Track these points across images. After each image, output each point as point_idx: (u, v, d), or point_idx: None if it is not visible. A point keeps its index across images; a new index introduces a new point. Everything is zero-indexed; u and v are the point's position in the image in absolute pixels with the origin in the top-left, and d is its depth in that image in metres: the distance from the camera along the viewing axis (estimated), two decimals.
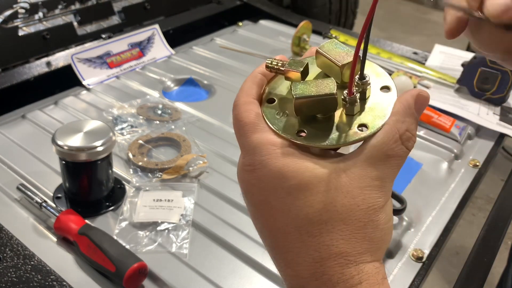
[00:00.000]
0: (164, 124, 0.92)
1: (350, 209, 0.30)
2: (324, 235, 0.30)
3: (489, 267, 0.66)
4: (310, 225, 0.30)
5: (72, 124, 0.71)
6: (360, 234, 0.30)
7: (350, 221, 0.30)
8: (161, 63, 1.17)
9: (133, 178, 0.78)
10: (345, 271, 0.30)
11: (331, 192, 0.30)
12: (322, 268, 0.30)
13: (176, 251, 0.66)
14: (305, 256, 0.30)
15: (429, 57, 1.22)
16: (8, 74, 1.01)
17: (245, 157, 0.33)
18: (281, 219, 0.31)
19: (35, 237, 0.67)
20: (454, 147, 0.91)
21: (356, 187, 0.30)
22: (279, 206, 0.31)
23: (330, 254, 0.30)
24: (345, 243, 0.30)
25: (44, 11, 1.17)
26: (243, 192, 0.34)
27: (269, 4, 1.50)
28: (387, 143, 0.31)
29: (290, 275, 0.32)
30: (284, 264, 0.32)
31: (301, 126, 0.34)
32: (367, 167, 0.31)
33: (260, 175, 0.32)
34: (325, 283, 0.30)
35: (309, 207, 0.30)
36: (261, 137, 0.33)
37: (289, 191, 0.31)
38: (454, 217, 0.75)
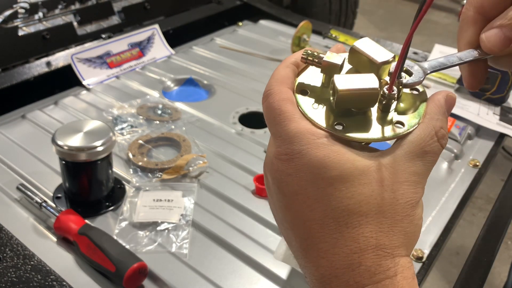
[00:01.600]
0: (164, 124, 0.92)
1: (390, 203, 0.31)
2: (363, 227, 0.30)
3: (489, 267, 0.66)
4: (349, 217, 0.30)
5: (72, 124, 0.71)
6: (397, 227, 0.31)
7: (389, 215, 0.31)
8: (161, 63, 1.17)
9: (133, 178, 0.78)
10: (382, 262, 0.30)
11: (372, 185, 0.31)
12: (360, 259, 0.30)
13: (176, 251, 0.66)
14: (343, 246, 0.30)
15: (429, 57, 1.22)
16: (8, 74, 1.01)
17: (281, 146, 0.32)
18: (319, 209, 0.31)
19: (35, 237, 0.67)
20: (454, 147, 0.91)
21: (396, 181, 0.31)
22: (318, 197, 0.31)
23: (368, 245, 0.30)
24: (383, 236, 0.31)
25: (44, 11, 1.17)
26: (275, 181, 0.33)
27: (269, 4, 1.50)
28: (424, 139, 0.32)
29: (323, 266, 0.31)
30: (316, 255, 0.31)
31: (338, 119, 0.33)
32: (406, 162, 0.32)
33: (299, 164, 0.31)
34: (361, 273, 0.30)
35: (349, 198, 0.30)
36: (300, 127, 0.32)
37: (330, 181, 0.31)
38: (454, 217, 0.75)
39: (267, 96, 0.35)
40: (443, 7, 4.15)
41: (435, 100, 0.35)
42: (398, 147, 0.32)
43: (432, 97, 0.35)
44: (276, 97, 0.34)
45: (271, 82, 0.35)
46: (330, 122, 0.33)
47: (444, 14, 4.03)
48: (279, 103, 0.34)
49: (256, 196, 0.76)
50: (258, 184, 0.76)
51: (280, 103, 0.34)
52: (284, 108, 0.33)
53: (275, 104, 0.34)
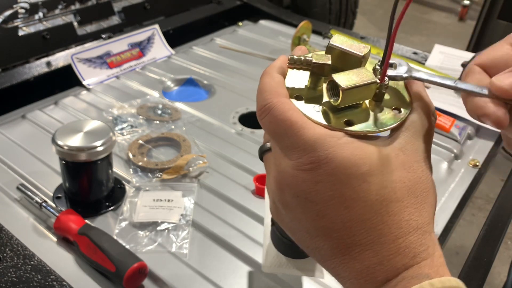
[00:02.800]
0: (164, 124, 0.92)
1: (416, 182, 0.32)
2: (402, 211, 0.31)
3: (489, 267, 0.66)
4: (388, 206, 0.31)
5: (72, 124, 0.71)
6: (426, 204, 0.33)
7: (418, 193, 0.32)
8: (161, 63, 1.17)
9: (133, 178, 0.78)
10: (423, 242, 0.31)
11: (398, 170, 0.32)
12: (405, 242, 0.31)
13: (176, 251, 0.66)
14: (388, 235, 0.31)
15: (429, 57, 1.22)
16: (8, 74, 1.01)
17: (302, 156, 0.32)
18: (359, 207, 0.31)
19: (35, 237, 0.67)
20: (454, 147, 0.91)
21: (414, 161, 0.33)
22: (355, 196, 0.31)
23: (410, 228, 0.31)
24: (419, 216, 0.32)
25: (44, 11, 1.17)
26: (302, 193, 0.33)
27: (269, 4, 1.50)
28: (424, 117, 0.35)
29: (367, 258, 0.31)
30: (360, 250, 0.32)
31: (344, 116, 0.34)
32: (416, 141, 0.34)
33: (329, 169, 0.31)
34: (406, 255, 0.31)
35: (383, 188, 0.31)
36: (317, 132, 0.32)
37: (363, 178, 0.31)
38: (454, 217, 0.75)
39: (267, 111, 0.34)
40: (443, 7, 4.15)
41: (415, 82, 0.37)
42: (404, 129, 0.34)
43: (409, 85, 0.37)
44: (280, 109, 0.34)
45: (266, 96, 0.35)
46: (339, 121, 0.34)
47: (444, 14, 4.03)
48: (286, 115, 0.33)
49: (256, 196, 0.76)
50: (258, 184, 0.76)
51: (287, 114, 0.33)
52: (294, 119, 0.33)
53: (282, 116, 0.33)
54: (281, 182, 0.34)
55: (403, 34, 3.47)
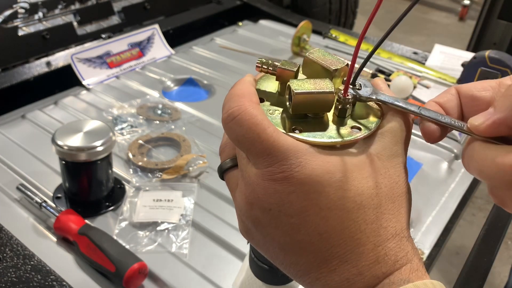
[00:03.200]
0: (164, 124, 0.92)
1: (392, 188, 0.32)
2: (380, 218, 0.31)
3: (489, 267, 0.66)
4: (365, 213, 0.30)
5: (72, 124, 0.71)
6: (403, 208, 0.32)
7: (395, 198, 0.32)
8: (161, 63, 1.17)
9: (133, 178, 0.78)
10: (402, 247, 0.31)
11: (373, 176, 0.31)
12: (384, 250, 0.30)
13: (176, 251, 0.66)
14: (366, 244, 0.30)
15: (429, 57, 1.22)
16: (8, 74, 1.01)
17: (273, 164, 0.30)
18: (335, 217, 0.30)
19: (35, 237, 0.67)
20: (454, 147, 0.91)
21: (390, 166, 0.32)
22: (331, 204, 0.30)
23: (388, 234, 0.31)
24: (397, 221, 0.31)
25: (44, 11, 1.17)
26: (274, 206, 0.31)
27: (269, 4, 1.50)
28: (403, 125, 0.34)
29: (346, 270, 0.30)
30: (338, 262, 0.30)
31: (294, 124, 0.33)
32: (392, 147, 0.33)
33: (302, 177, 0.30)
34: (386, 263, 0.30)
35: (360, 195, 0.30)
36: (289, 140, 0.31)
37: (337, 185, 0.30)
38: (454, 217, 0.75)
39: (236, 113, 0.32)
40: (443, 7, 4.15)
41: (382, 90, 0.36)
42: (380, 135, 0.33)
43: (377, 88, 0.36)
44: (252, 113, 0.31)
45: (237, 99, 0.33)
46: (286, 127, 0.33)
47: (444, 14, 4.03)
48: (258, 118, 0.31)
49: None
50: None
51: (259, 118, 0.31)
52: (266, 124, 0.31)
53: (254, 120, 0.31)
54: (250, 196, 0.32)
55: (403, 34, 3.48)
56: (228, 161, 0.36)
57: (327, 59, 0.35)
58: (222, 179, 0.37)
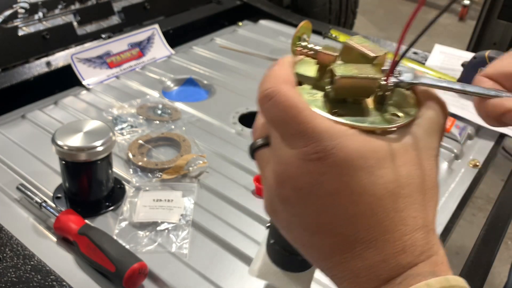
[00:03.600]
0: (164, 124, 0.92)
1: (424, 180, 0.32)
2: (408, 207, 0.30)
3: (489, 267, 0.66)
4: (395, 201, 0.30)
5: (72, 124, 0.71)
6: (432, 201, 0.32)
7: (425, 191, 0.32)
8: (161, 63, 1.17)
9: (133, 178, 0.78)
10: (429, 240, 0.31)
11: (406, 165, 0.31)
12: (411, 240, 0.30)
13: (176, 251, 0.66)
14: (394, 232, 0.30)
15: (429, 57, 1.22)
16: (8, 74, 1.01)
17: (309, 145, 0.30)
18: (365, 201, 0.30)
19: (35, 237, 0.67)
20: (454, 147, 0.91)
21: (423, 158, 0.32)
22: (362, 189, 0.30)
23: (416, 225, 0.30)
24: (425, 213, 0.31)
25: (44, 11, 1.17)
26: (303, 186, 0.31)
27: (269, 4, 1.50)
28: (438, 114, 0.34)
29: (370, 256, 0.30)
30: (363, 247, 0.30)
31: (335, 108, 0.33)
32: (427, 138, 0.33)
33: (336, 160, 0.30)
34: (412, 253, 0.30)
35: (392, 182, 0.30)
36: (326, 122, 0.31)
37: (371, 170, 0.30)
38: (454, 217, 0.75)
39: (272, 95, 0.32)
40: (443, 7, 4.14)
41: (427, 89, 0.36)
42: (416, 125, 0.33)
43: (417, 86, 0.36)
44: (287, 94, 0.32)
45: (272, 80, 0.33)
46: (327, 110, 0.32)
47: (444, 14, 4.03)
48: (294, 101, 0.31)
49: (256, 196, 0.76)
50: (258, 184, 0.76)
51: (295, 100, 0.32)
52: (302, 105, 0.31)
53: (289, 101, 0.31)
54: (282, 175, 0.32)
55: None
56: (260, 140, 0.37)
57: (366, 45, 0.35)
58: (253, 158, 0.38)
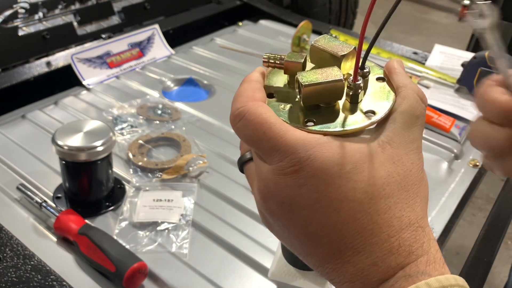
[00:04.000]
0: (164, 124, 0.92)
1: (406, 176, 0.31)
2: (392, 208, 0.30)
3: (489, 267, 0.66)
4: (377, 203, 0.30)
5: (72, 124, 0.71)
6: (418, 197, 0.31)
7: (409, 187, 0.31)
8: (161, 63, 1.17)
9: (133, 178, 0.78)
10: (417, 238, 0.30)
11: (385, 165, 0.31)
12: (398, 241, 0.30)
13: (176, 251, 0.66)
14: (379, 234, 0.30)
15: (429, 57, 1.22)
16: (8, 74, 1.01)
17: (283, 159, 0.31)
18: (346, 208, 0.30)
19: (35, 237, 0.67)
20: (454, 147, 0.91)
21: (402, 154, 0.32)
22: (341, 196, 0.30)
23: (402, 225, 0.30)
24: (411, 211, 0.31)
25: (44, 11, 1.17)
26: (286, 199, 0.31)
27: (269, 4, 1.50)
28: (413, 105, 0.33)
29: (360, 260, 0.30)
30: (352, 252, 0.30)
31: (307, 116, 0.33)
32: (405, 133, 0.32)
33: (311, 171, 0.30)
34: (401, 254, 0.30)
35: (371, 185, 0.30)
36: (297, 134, 0.31)
37: (347, 176, 0.30)
38: (454, 217, 0.75)
39: (242, 114, 0.32)
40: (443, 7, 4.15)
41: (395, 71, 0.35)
42: (393, 120, 0.33)
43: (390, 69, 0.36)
44: (256, 112, 0.32)
45: (241, 100, 0.33)
46: (300, 120, 0.33)
47: (444, 14, 4.03)
48: (263, 117, 0.32)
49: None
50: None
51: (264, 116, 0.32)
52: (272, 120, 0.32)
53: (259, 119, 0.32)
54: (264, 191, 0.33)
55: (403, 34, 3.48)
56: (247, 154, 0.37)
57: (333, 45, 0.34)
58: (242, 172, 0.38)
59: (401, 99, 0.34)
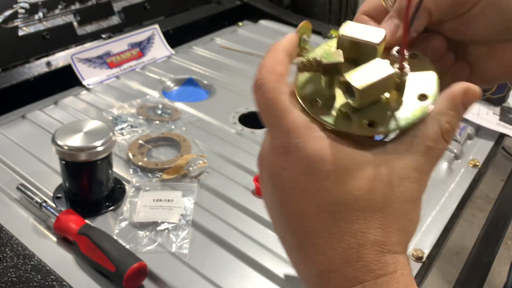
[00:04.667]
0: (164, 124, 0.92)
1: (389, 200, 0.30)
2: (360, 222, 0.30)
3: (489, 267, 0.66)
4: (346, 211, 0.30)
5: (72, 124, 0.71)
6: (396, 225, 0.30)
7: (387, 212, 0.30)
8: (161, 63, 1.17)
9: (133, 178, 0.78)
10: (381, 258, 0.30)
11: (371, 180, 0.30)
12: (358, 254, 0.29)
13: (176, 251, 0.66)
14: (340, 241, 0.30)
15: None
16: (8, 74, 1.01)
17: (279, 138, 0.32)
18: (316, 203, 0.30)
19: (35, 237, 0.67)
20: (454, 147, 0.91)
21: (396, 177, 0.30)
22: (315, 191, 0.30)
23: (366, 241, 0.30)
24: (382, 232, 0.30)
25: (44, 11, 1.17)
26: (270, 175, 0.33)
27: (269, 4, 1.50)
28: (428, 134, 0.31)
29: (321, 261, 0.30)
30: (314, 250, 0.31)
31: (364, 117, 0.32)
32: (407, 158, 0.31)
33: (295, 158, 0.31)
34: (359, 268, 0.29)
35: (346, 193, 0.30)
36: (297, 120, 0.31)
37: (326, 175, 0.30)
38: (454, 217, 0.75)
39: (258, 86, 0.33)
40: None
41: (449, 93, 0.32)
42: (400, 141, 0.31)
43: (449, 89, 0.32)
44: (270, 87, 0.33)
45: (262, 71, 0.34)
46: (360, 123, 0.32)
47: None
48: (274, 94, 0.32)
49: (256, 196, 0.76)
50: (258, 184, 0.76)
51: (275, 93, 0.32)
52: (279, 98, 0.32)
53: (270, 94, 0.32)
54: (259, 159, 0.35)
55: None
56: None
57: (364, 32, 0.33)
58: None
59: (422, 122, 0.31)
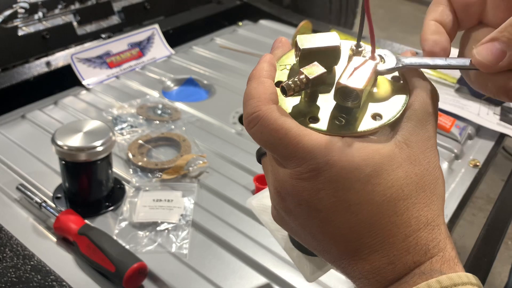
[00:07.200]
0: (164, 124, 0.92)
1: (423, 175, 0.31)
2: (410, 208, 0.31)
3: (490, 267, 0.66)
4: (395, 205, 0.30)
5: (71, 124, 0.71)
6: (435, 196, 0.32)
7: (426, 187, 0.31)
8: (161, 63, 1.17)
9: (133, 178, 0.78)
10: (434, 237, 0.31)
11: (403, 166, 0.31)
12: (415, 240, 0.30)
13: (176, 251, 0.65)
14: (397, 234, 0.30)
15: None
16: (8, 74, 1.01)
17: (301, 165, 0.31)
18: (365, 211, 0.30)
19: (35, 237, 0.67)
20: (454, 147, 0.91)
21: (419, 153, 0.32)
22: (360, 200, 0.30)
23: (420, 224, 0.30)
24: (428, 210, 0.31)
25: (43, 11, 1.17)
26: (302, 201, 0.31)
27: (269, 4, 1.50)
28: (426, 102, 0.33)
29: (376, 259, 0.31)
30: (368, 251, 0.31)
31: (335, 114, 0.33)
32: (420, 131, 0.32)
33: (330, 176, 0.30)
34: (417, 253, 0.30)
35: (389, 188, 0.30)
36: (314, 139, 0.31)
37: (366, 180, 0.30)
38: (455, 217, 0.75)
39: (256, 120, 0.32)
40: None
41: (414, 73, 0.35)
42: (406, 119, 0.33)
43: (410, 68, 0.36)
44: (271, 117, 0.31)
45: (254, 103, 0.32)
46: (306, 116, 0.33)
47: None
48: (278, 123, 0.31)
49: None
50: (258, 184, 0.76)
51: (279, 122, 0.31)
52: (287, 126, 0.31)
53: (274, 125, 0.31)
54: (282, 191, 0.33)
55: (403, 34, 3.48)
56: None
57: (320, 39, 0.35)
58: (260, 162, 0.39)
59: (415, 94, 0.34)
